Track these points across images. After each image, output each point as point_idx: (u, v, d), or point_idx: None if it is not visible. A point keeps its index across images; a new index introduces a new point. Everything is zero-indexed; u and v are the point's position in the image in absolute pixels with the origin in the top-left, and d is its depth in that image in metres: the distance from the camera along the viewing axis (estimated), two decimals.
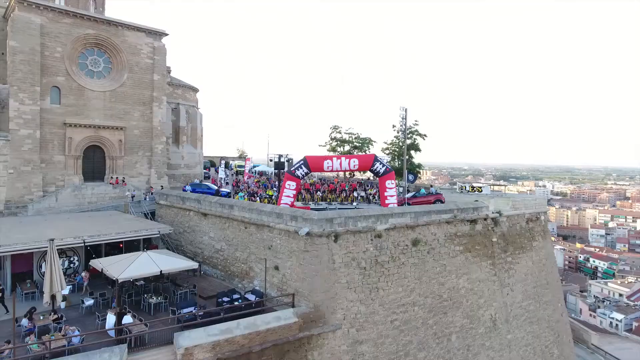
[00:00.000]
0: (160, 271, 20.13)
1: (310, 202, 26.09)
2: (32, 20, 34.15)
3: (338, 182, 39.15)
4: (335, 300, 20.74)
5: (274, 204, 25.41)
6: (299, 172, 24.27)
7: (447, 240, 25.62)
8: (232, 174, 50.17)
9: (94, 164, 38.92)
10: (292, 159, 26.13)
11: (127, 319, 17.62)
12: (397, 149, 38.92)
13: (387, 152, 40.84)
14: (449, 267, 25.46)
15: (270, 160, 27.81)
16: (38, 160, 34.83)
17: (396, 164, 38.33)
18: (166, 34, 42.38)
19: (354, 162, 24.38)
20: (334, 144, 43.87)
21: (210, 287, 23.88)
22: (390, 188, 24.74)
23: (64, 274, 23.43)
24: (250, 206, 24.19)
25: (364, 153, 43.82)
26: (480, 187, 32.06)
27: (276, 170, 27.13)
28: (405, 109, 30.04)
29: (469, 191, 32.30)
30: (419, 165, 39.76)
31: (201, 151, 50.87)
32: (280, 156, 27.21)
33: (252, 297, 21.36)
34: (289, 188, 24.19)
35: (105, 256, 23.82)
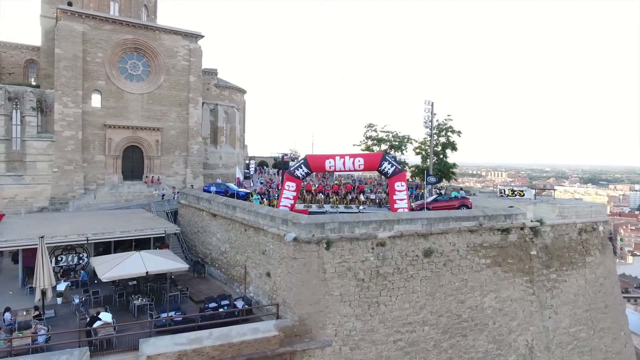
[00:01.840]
0: (147, 272, 19.68)
1: (313, 205, 24.28)
2: (75, 28, 36.35)
3: (372, 183, 36.81)
4: (325, 314, 18.75)
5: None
6: (298, 172, 22.59)
7: (469, 252, 22.31)
8: (274, 174, 49.87)
9: (133, 163, 40.61)
10: (297, 157, 24.55)
11: (106, 316, 17.28)
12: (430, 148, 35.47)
13: (417, 151, 37.55)
14: (471, 283, 22.15)
15: (274, 160, 26.53)
16: (80, 159, 37.03)
17: (427, 163, 34.86)
18: (202, 36, 43.05)
19: (359, 162, 22.13)
20: (369, 143, 41.40)
21: (207, 290, 23.13)
22: (400, 191, 22.06)
23: (73, 269, 24.28)
24: (249, 208, 23.03)
25: (401, 153, 40.90)
26: (522, 191, 27.80)
27: (276, 170, 25.73)
28: (432, 103, 27.00)
29: (508, 195, 28.20)
30: (454, 165, 35.86)
31: (240, 151, 51.20)
32: (283, 155, 25.80)
33: (240, 305, 20.11)
34: (289, 189, 22.61)
35: (115, 253, 24.17)
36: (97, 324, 16.68)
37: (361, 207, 23.92)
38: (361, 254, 19.74)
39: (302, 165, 22.58)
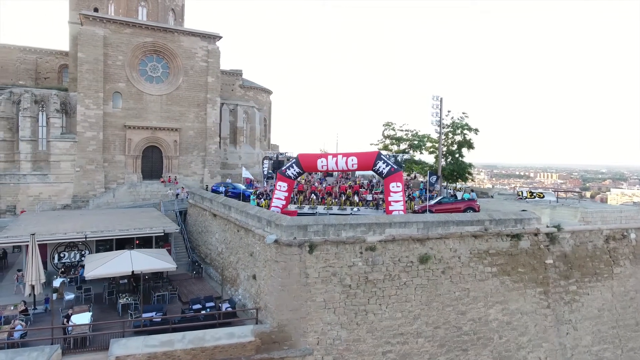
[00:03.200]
0: (132, 271, 19.70)
1: (306, 206, 23.35)
2: (96, 32, 37.68)
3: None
4: (306, 320, 17.84)
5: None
6: (290, 172, 21.78)
7: (472, 259, 20.55)
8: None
9: (152, 163, 41.57)
10: (291, 157, 23.74)
11: (81, 317, 17.38)
12: (445, 148, 33.40)
13: (431, 150, 35.49)
14: (474, 293, 20.39)
15: (269, 159, 25.87)
16: (101, 159, 38.34)
17: (442, 164, 32.81)
18: (220, 37, 43.34)
19: (352, 161, 20.96)
20: (387, 142, 39.85)
21: (199, 291, 22.89)
22: (396, 192, 20.63)
23: (75, 266, 24.88)
24: (242, 208, 22.56)
25: (419, 152, 39.08)
26: (541, 193, 25.37)
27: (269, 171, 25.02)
28: (441, 99, 25.29)
29: (526, 197, 25.85)
30: (470, 165, 33.47)
31: (260, 151, 51.16)
32: (278, 154, 25.07)
33: (225, 307, 19.64)
34: (280, 190, 21.85)
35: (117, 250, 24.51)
36: (72, 322, 16.75)
37: (355, 209, 22.74)
38: (348, 258, 18.63)
39: (293, 164, 21.78)
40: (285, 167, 22.33)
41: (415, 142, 38.96)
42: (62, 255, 24.70)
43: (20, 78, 45.85)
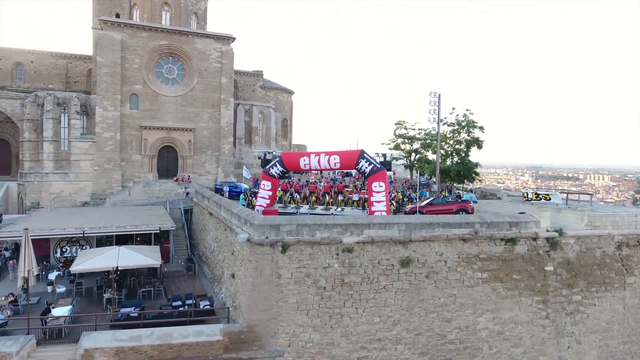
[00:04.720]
0: (117, 267, 20.20)
1: (290, 206, 22.97)
2: (114, 37, 39.25)
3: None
4: (278, 321, 17.53)
5: None
6: (273, 171, 21.54)
7: (460, 264, 19.42)
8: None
9: (168, 162, 42.79)
10: (280, 156, 23.39)
11: (61, 310, 18.02)
12: (451, 148, 31.77)
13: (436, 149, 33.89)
14: (461, 300, 19.27)
15: (259, 159, 25.70)
16: (118, 159, 39.90)
17: (447, 163, 31.27)
18: (233, 38, 43.91)
19: (335, 159, 20.36)
20: (399, 141, 38.69)
21: (187, 288, 23.11)
22: (379, 192, 19.82)
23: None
24: (228, 207, 22.59)
25: (431, 151, 37.63)
26: (548, 195, 23.55)
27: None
28: (439, 95, 24.17)
29: (532, 199, 24.11)
30: (477, 165, 31.58)
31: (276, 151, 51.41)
32: (266, 153, 24.85)
33: (203, 305, 19.73)
34: (265, 189, 21.66)
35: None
36: (53, 315, 17.39)
37: (338, 209, 22.12)
38: (323, 259, 18.13)
39: (277, 163, 21.55)
40: (269, 166, 22.14)
41: (428, 141, 37.56)
42: (64, 249, 25.85)
43: (52, 82, 48.70)
